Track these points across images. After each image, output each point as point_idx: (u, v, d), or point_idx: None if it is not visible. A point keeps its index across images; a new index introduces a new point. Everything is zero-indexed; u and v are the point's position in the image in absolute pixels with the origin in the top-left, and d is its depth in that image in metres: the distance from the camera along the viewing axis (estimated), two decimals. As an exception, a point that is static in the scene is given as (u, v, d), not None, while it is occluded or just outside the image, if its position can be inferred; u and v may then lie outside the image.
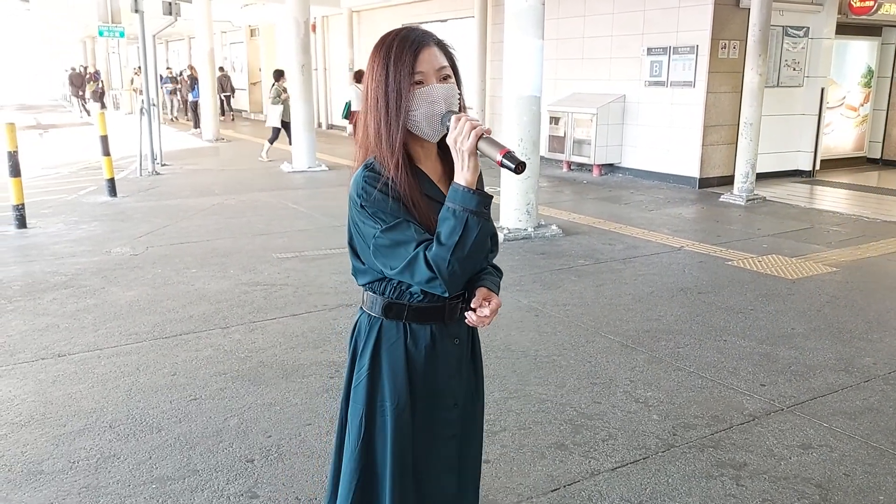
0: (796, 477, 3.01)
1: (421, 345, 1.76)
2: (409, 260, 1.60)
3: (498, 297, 1.75)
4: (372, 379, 1.78)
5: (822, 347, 4.42)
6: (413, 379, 1.76)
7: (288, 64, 12.53)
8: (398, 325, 1.76)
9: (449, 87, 1.65)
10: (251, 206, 8.89)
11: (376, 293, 1.77)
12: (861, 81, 11.99)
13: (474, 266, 1.64)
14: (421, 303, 1.73)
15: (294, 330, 4.64)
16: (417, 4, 15.75)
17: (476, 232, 1.56)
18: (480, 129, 1.56)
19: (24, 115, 26.22)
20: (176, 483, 2.93)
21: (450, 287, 1.61)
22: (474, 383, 1.90)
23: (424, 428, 1.79)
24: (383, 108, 1.63)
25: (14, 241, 7.04)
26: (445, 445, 1.83)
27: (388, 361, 1.77)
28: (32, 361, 4.14)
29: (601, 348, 4.38)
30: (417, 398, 1.77)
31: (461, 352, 1.82)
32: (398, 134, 1.63)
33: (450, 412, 1.82)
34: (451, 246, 1.56)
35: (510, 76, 7.14)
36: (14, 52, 59.70)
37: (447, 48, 1.71)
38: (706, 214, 8.56)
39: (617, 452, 3.18)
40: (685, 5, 9.99)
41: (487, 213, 1.59)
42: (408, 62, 1.61)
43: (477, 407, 1.92)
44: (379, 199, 1.63)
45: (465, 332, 1.82)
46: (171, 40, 33.27)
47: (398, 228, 1.62)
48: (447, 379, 1.79)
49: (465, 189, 1.58)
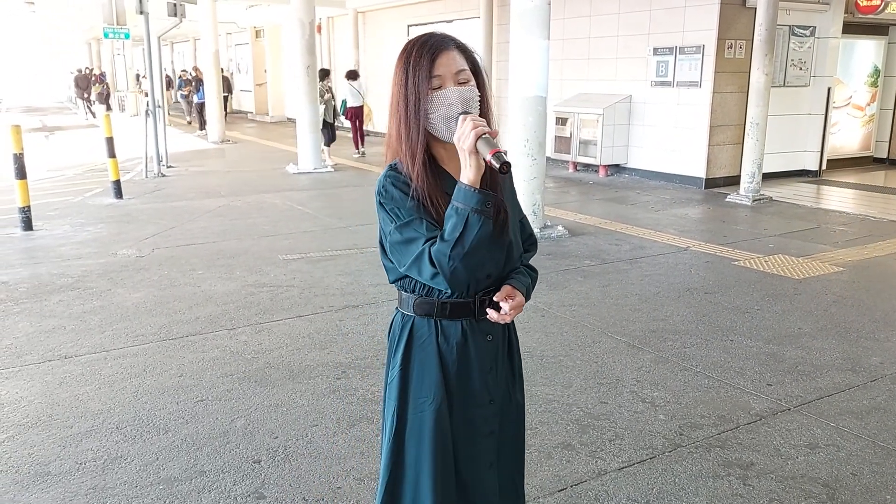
0: (803, 476, 3.00)
1: (452, 341, 1.78)
2: (416, 256, 1.65)
3: (521, 296, 1.77)
4: (404, 376, 1.81)
5: (829, 347, 4.41)
6: (446, 375, 1.78)
7: (293, 65, 12.55)
8: (429, 322, 1.79)
9: (466, 90, 1.67)
10: (257, 207, 8.91)
11: (407, 291, 1.80)
12: (868, 81, 11.95)
13: (479, 263, 1.64)
14: (449, 299, 1.75)
15: (300, 331, 4.64)
16: (423, 5, 15.76)
17: (477, 229, 1.59)
18: (481, 130, 1.58)
19: (29, 117, 26.35)
20: (183, 484, 2.93)
21: (452, 283, 1.64)
22: (511, 380, 1.92)
23: (461, 425, 1.81)
24: (403, 110, 1.69)
25: (20, 244, 7.07)
26: (484, 442, 1.84)
27: (419, 358, 1.80)
28: (39, 363, 4.15)
29: (607, 348, 4.38)
30: (452, 395, 1.79)
31: (495, 349, 1.84)
32: (418, 136, 1.68)
33: (486, 409, 1.83)
34: (451, 242, 1.59)
35: (516, 77, 7.13)
36: (19, 54, 59.94)
37: (469, 52, 1.75)
38: (712, 215, 8.54)
39: (624, 452, 3.18)
40: (691, 5, 9.97)
41: (489, 210, 1.60)
42: (425, 66, 1.66)
43: (514, 404, 1.93)
44: (397, 197, 1.69)
45: (498, 329, 1.84)
46: (176, 42, 33.39)
47: (411, 225, 1.67)
48: (482, 376, 1.81)
49: (467, 187, 1.60)
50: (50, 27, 41.91)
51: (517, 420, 1.95)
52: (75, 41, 40.37)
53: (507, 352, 1.91)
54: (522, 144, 7.10)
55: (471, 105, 1.67)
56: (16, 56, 60.62)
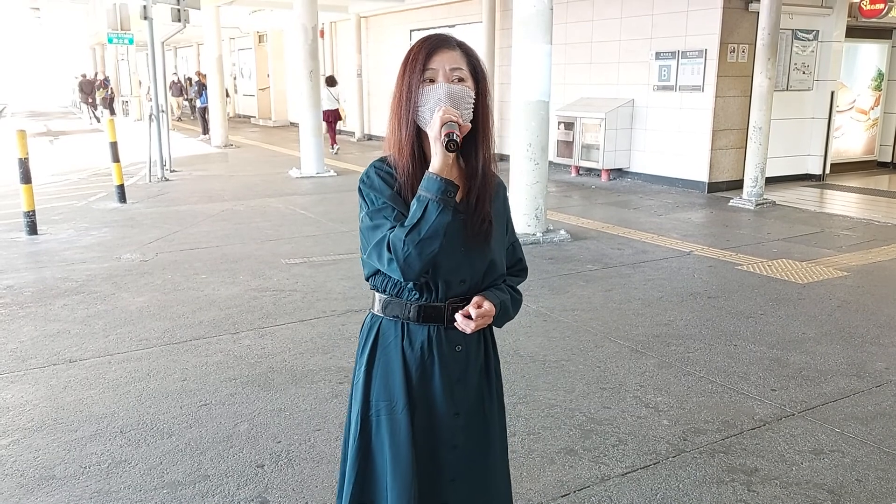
0: (808, 482, 2.99)
1: (417, 346, 1.75)
2: (378, 241, 1.64)
3: (490, 304, 1.72)
4: (368, 378, 1.79)
5: (834, 352, 4.40)
6: (409, 381, 1.75)
7: (296, 70, 12.58)
8: (396, 325, 1.77)
9: (458, 88, 1.66)
10: (260, 211, 8.92)
11: (378, 290, 1.79)
12: (871, 85, 11.94)
13: (431, 251, 1.59)
14: (419, 301, 1.73)
15: (303, 335, 4.65)
16: (425, 10, 15.79)
17: (434, 217, 1.57)
18: (447, 117, 1.57)
19: (34, 121, 26.43)
20: (186, 488, 2.94)
21: (404, 270, 1.61)
22: (487, 395, 1.86)
23: (424, 433, 1.76)
24: (396, 102, 1.70)
25: (25, 248, 7.08)
26: (447, 456, 1.79)
27: (383, 361, 1.78)
28: (44, 367, 4.16)
29: (610, 353, 4.37)
30: (415, 401, 1.75)
31: (465, 360, 1.79)
32: (407, 127, 1.68)
33: (450, 421, 1.78)
34: (408, 228, 1.58)
35: (518, 81, 7.15)
36: (24, 60, 60.14)
37: (473, 55, 1.74)
38: (715, 219, 8.53)
39: (627, 458, 3.17)
40: (694, 9, 9.98)
41: (450, 199, 1.59)
42: (421, 59, 1.67)
43: (488, 418, 1.86)
44: (377, 185, 1.69)
45: (472, 340, 1.80)
46: (180, 47, 33.50)
47: (382, 212, 1.66)
48: (447, 386, 1.76)
49: (431, 175, 1.59)
50: (54, 32, 42.05)
51: (492, 439, 1.87)
52: (80, 46, 40.49)
53: (484, 367, 1.85)
54: (525, 149, 7.11)
55: (460, 104, 1.64)
56: (20, 61, 60.82)
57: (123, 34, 13.50)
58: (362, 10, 17.68)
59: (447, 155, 1.59)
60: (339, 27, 19.79)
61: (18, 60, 60.67)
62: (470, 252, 1.73)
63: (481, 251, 1.74)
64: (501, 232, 1.82)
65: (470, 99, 1.67)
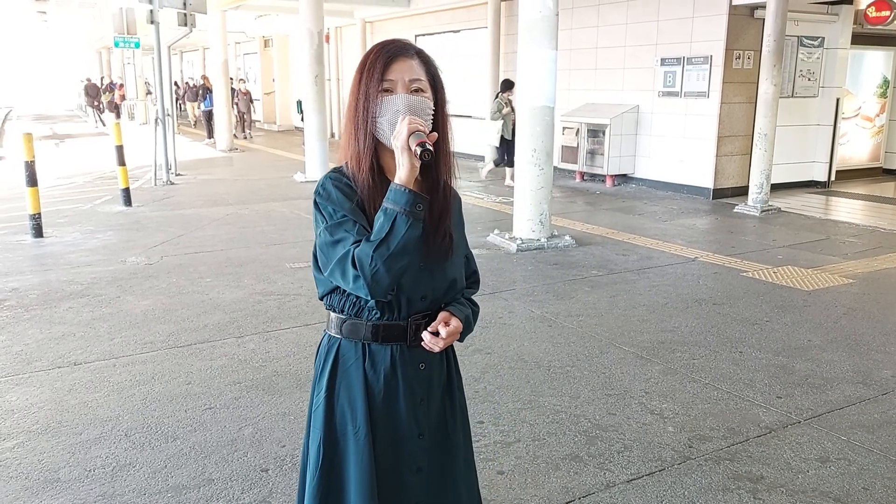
0: (814, 490, 2.97)
1: (380, 367, 1.68)
2: (341, 257, 1.55)
3: (458, 321, 1.69)
4: (329, 403, 1.71)
5: (839, 359, 4.38)
6: (371, 404, 1.68)
7: (301, 74, 12.61)
8: (356, 346, 1.69)
9: (416, 99, 1.61)
10: (265, 215, 8.94)
11: (336, 310, 1.72)
12: (877, 92, 11.93)
13: (401, 267, 1.53)
14: (380, 320, 1.66)
15: (307, 340, 4.65)
16: (430, 15, 15.83)
17: (403, 231, 1.50)
18: (414, 126, 1.51)
19: (40, 125, 26.52)
20: (191, 492, 2.93)
21: (372, 288, 1.53)
22: (450, 413, 1.80)
23: (387, 457, 1.70)
24: (353, 112, 1.64)
25: (31, 250, 7.10)
26: (411, 479, 1.73)
27: (345, 385, 1.70)
28: (49, 370, 4.16)
29: (615, 359, 4.36)
30: (378, 424, 1.69)
31: (428, 379, 1.74)
32: (365, 139, 1.62)
33: (414, 443, 1.72)
34: (375, 243, 1.51)
35: (523, 86, 7.15)
36: (31, 63, 60.40)
37: (431, 64, 1.68)
38: (720, 225, 8.52)
39: (632, 464, 3.16)
40: (699, 15, 9.99)
41: (419, 212, 1.52)
42: (378, 69, 1.62)
43: (452, 439, 1.80)
44: (335, 198, 1.61)
45: (434, 359, 1.74)
46: (186, 51, 33.61)
47: (342, 226, 1.58)
48: (411, 407, 1.70)
49: (398, 187, 1.52)
50: (61, 36, 42.26)
51: (456, 459, 1.82)
52: (86, 50, 40.69)
53: (447, 384, 1.80)
54: (530, 154, 7.11)
55: (419, 115, 1.58)
56: (27, 65, 61.11)
57: (130, 38, 13.57)
58: (368, 15, 17.73)
59: (414, 166, 1.52)
60: (344, 32, 19.85)
61: (25, 64, 60.95)
62: (430, 267, 1.67)
63: (442, 266, 1.69)
64: (460, 243, 1.78)
65: (430, 110, 1.62)
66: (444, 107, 1.69)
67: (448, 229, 1.70)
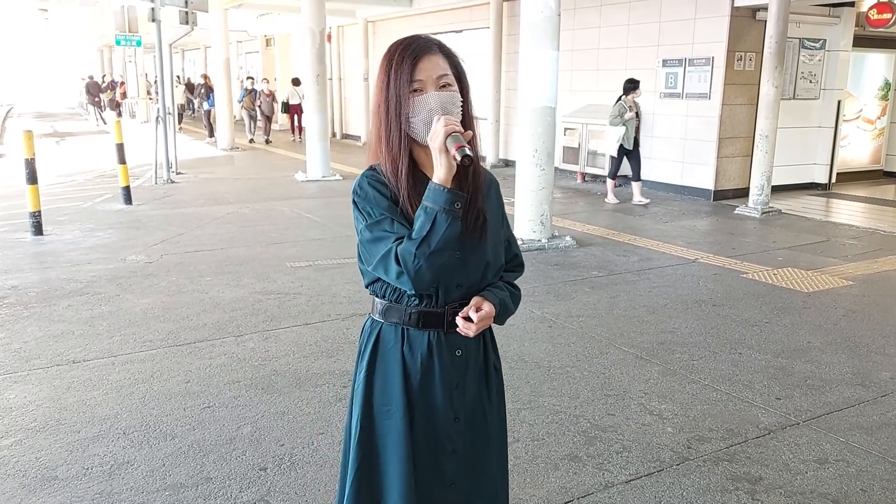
0: (812, 492, 2.97)
1: (417, 352, 1.74)
2: (384, 254, 1.62)
3: (490, 305, 1.72)
4: (368, 383, 1.78)
5: (839, 361, 4.38)
6: (408, 386, 1.74)
7: (303, 73, 12.61)
8: (396, 330, 1.76)
9: (447, 95, 1.65)
10: (265, 214, 8.94)
11: (378, 296, 1.78)
12: (878, 94, 11.92)
13: (442, 263, 1.59)
14: (419, 307, 1.72)
15: (307, 339, 4.64)
16: (432, 15, 15.82)
17: (444, 228, 1.56)
18: (451, 128, 1.56)
19: (41, 122, 26.53)
20: (189, 490, 2.93)
21: (415, 283, 1.60)
22: (487, 398, 1.85)
23: (423, 438, 1.76)
24: (384, 114, 1.67)
25: (30, 248, 7.10)
26: (446, 461, 1.78)
27: (383, 367, 1.77)
28: (47, 367, 4.16)
29: (615, 360, 4.36)
30: (414, 406, 1.74)
31: (464, 365, 1.78)
32: (399, 139, 1.66)
33: (450, 426, 1.77)
34: (417, 241, 1.56)
35: (525, 87, 7.15)
36: (32, 61, 60.43)
37: (454, 57, 1.72)
38: (721, 227, 8.51)
39: (631, 465, 3.16)
40: (701, 17, 9.98)
41: (458, 210, 1.57)
42: (406, 70, 1.64)
43: (488, 424, 1.85)
44: (371, 197, 1.67)
45: (471, 345, 1.79)
46: (187, 49, 33.63)
47: (382, 224, 1.64)
48: (446, 391, 1.75)
49: (437, 186, 1.57)
50: (62, 34, 42.28)
51: (490, 442, 1.87)
52: (87, 48, 40.71)
53: (483, 370, 1.84)
54: (531, 155, 7.11)
55: (451, 110, 1.64)
56: (28, 62, 61.12)
57: (131, 36, 13.57)
58: (370, 14, 17.73)
59: (452, 167, 1.57)
60: (346, 31, 19.84)
61: (26, 61, 60.97)
62: (465, 253, 1.70)
63: (477, 250, 1.72)
64: (496, 227, 1.80)
65: (459, 103, 1.67)
66: (469, 95, 1.73)
67: (481, 211, 1.71)
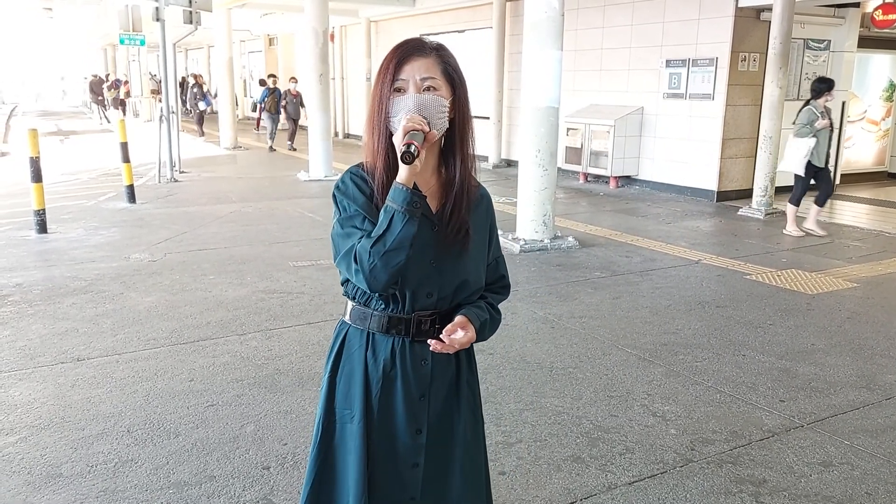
0: (817, 495, 2.97)
1: (380, 358, 1.71)
2: (347, 250, 1.62)
3: (473, 331, 1.68)
4: (331, 385, 1.77)
5: (843, 364, 4.37)
6: (368, 393, 1.71)
7: (306, 73, 12.61)
8: (362, 334, 1.73)
9: (426, 98, 1.61)
10: (268, 214, 8.94)
11: (348, 296, 1.77)
12: (882, 95, 11.90)
13: (397, 263, 1.55)
14: (384, 311, 1.70)
15: (310, 338, 4.65)
16: (435, 15, 15.82)
17: (399, 229, 1.53)
18: (409, 126, 1.54)
19: (45, 121, 26.57)
20: (193, 489, 2.93)
21: (370, 282, 1.58)
22: (457, 413, 1.79)
23: (383, 449, 1.72)
24: (370, 112, 1.68)
25: (35, 246, 7.11)
26: (407, 473, 1.74)
27: (347, 370, 1.75)
28: (52, 365, 4.17)
29: (618, 361, 4.36)
30: (375, 415, 1.71)
31: (430, 375, 1.73)
32: (380, 138, 1.65)
33: (412, 439, 1.72)
34: (373, 239, 1.56)
35: (528, 87, 7.15)
36: (36, 59, 60.52)
37: (449, 61, 1.67)
38: (724, 228, 8.50)
39: (634, 466, 3.16)
40: (705, 17, 9.97)
41: (416, 210, 1.54)
42: (391, 70, 1.64)
43: (454, 439, 1.78)
44: (350, 192, 1.68)
45: (441, 355, 1.73)
46: (191, 49, 33.67)
47: (354, 220, 1.65)
48: (408, 403, 1.71)
49: (397, 185, 1.55)
50: (67, 33, 42.34)
51: (454, 459, 1.79)
52: (91, 47, 40.74)
53: (455, 384, 1.78)
54: (534, 155, 7.11)
55: (430, 112, 1.59)
56: (32, 61, 61.18)
57: (135, 35, 13.57)
58: (372, 14, 17.74)
59: (415, 166, 1.55)
60: (349, 31, 19.85)
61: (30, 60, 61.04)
62: (441, 265, 1.67)
63: (454, 264, 1.69)
64: (481, 244, 1.76)
65: (443, 108, 1.62)
66: (465, 103, 1.69)
67: (464, 225, 1.69)
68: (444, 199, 1.69)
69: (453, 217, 1.68)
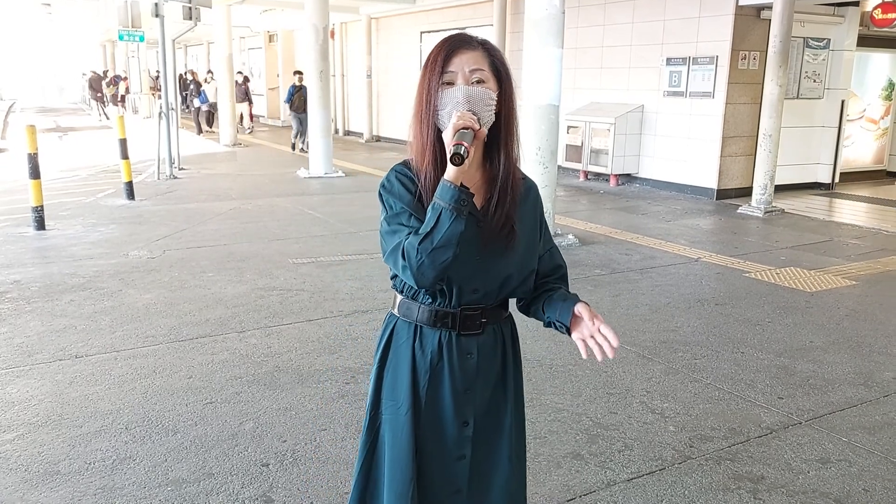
0: (814, 491, 2.97)
1: (427, 350, 1.72)
2: (394, 247, 1.62)
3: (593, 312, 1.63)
4: (379, 377, 1.79)
5: (841, 361, 4.37)
6: (416, 385, 1.72)
7: (307, 70, 12.60)
8: (409, 327, 1.75)
9: (476, 90, 1.61)
10: (268, 211, 8.94)
11: (397, 290, 1.77)
12: (882, 94, 11.90)
13: (445, 260, 1.55)
14: (431, 305, 1.71)
15: (310, 335, 4.64)
16: (436, 12, 15.81)
17: (447, 226, 1.52)
18: (460, 124, 1.53)
19: (43, 117, 26.54)
20: (191, 486, 2.93)
21: (417, 279, 1.58)
22: (502, 403, 1.79)
23: (430, 441, 1.73)
24: (417, 106, 1.66)
25: (33, 243, 7.11)
26: (453, 465, 1.75)
27: (394, 361, 1.77)
28: (50, 362, 4.17)
29: (617, 358, 4.35)
30: (421, 406, 1.72)
31: (476, 369, 1.74)
32: (428, 131, 1.64)
33: (458, 431, 1.73)
34: (421, 236, 1.55)
35: (529, 85, 7.13)
36: (34, 55, 60.43)
37: (496, 54, 1.68)
38: (724, 226, 8.50)
39: (633, 463, 3.16)
40: (705, 16, 9.97)
41: (463, 208, 1.53)
42: (439, 62, 1.63)
43: (501, 431, 1.79)
44: (396, 190, 1.67)
45: (486, 349, 1.75)
46: (190, 45, 33.63)
47: (399, 217, 1.64)
48: (454, 395, 1.72)
49: (445, 182, 1.54)
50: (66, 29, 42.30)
51: (502, 451, 1.80)
52: (90, 43, 40.70)
53: (501, 374, 1.79)
54: (534, 152, 7.09)
55: (479, 106, 1.59)
56: (31, 57, 61.09)
57: (134, 31, 13.53)
58: (373, 11, 17.72)
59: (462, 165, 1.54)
60: (349, 28, 19.83)
61: (29, 56, 60.96)
62: (486, 260, 1.67)
63: (499, 259, 1.68)
64: (529, 236, 1.75)
65: (490, 101, 1.62)
66: (511, 98, 1.69)
67: (509, 220, 1.68)
68: (489, 195, 1.68)
69: (498, 212, 1.67)
